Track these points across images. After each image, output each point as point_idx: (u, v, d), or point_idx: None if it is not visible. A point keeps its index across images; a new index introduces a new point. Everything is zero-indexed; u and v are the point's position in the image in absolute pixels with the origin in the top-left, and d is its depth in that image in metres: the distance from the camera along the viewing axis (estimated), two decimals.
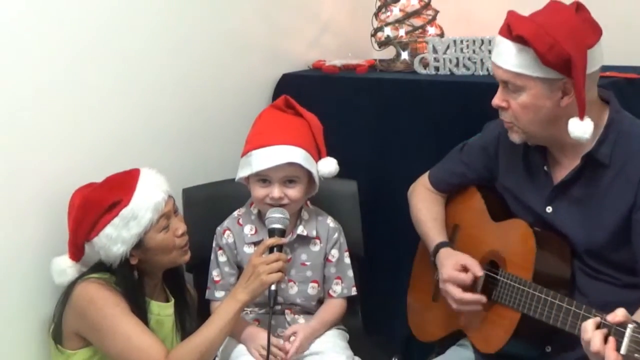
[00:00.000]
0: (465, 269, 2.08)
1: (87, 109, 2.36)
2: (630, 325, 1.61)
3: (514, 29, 1.90)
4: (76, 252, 2.19)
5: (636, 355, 1.58)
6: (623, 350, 1.60)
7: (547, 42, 1.85)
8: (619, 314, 1.64)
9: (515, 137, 2.02)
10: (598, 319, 1.68)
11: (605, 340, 1.63)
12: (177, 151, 2.62)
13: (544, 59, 1.86)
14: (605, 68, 2.48)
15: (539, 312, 1.90)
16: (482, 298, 2.06)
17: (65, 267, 2.19)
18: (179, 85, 2.64)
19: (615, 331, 1.63)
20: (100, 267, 2.19)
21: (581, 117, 1.88)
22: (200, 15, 2.69)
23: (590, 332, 1.66)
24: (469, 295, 2.07)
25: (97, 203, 2.14)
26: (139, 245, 2.14)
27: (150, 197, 2.15)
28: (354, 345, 2.37)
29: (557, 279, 1.98)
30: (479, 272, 2.07)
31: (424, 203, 2.33)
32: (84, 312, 2.12)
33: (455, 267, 2.09)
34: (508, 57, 1.93)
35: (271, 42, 2.95)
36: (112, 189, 2.17)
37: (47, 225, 2.26)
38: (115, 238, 2.11)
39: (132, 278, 2.16)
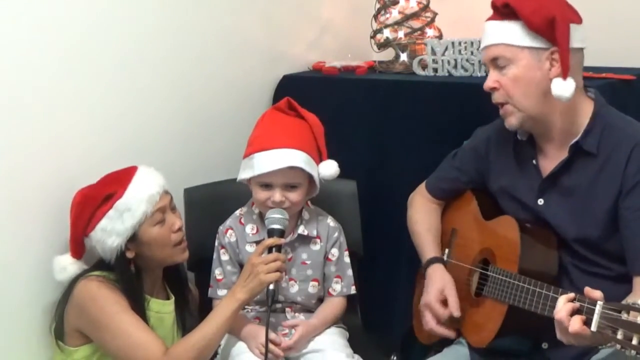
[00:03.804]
0: (445, 303, 2.16)
1: (89, 110, 2.38)
2: (600, 302, 1.65)
3: (499, 0, 1.99)
4: (77, 249, 2.22)
5: (607, 331, 1.61)
6: (593, 327, 1.65)
7: (531, 6, 1.94)
8: (595, 291, 1.69)
9: (513, 121, 2.04)
10: (572, 295, 1.73)
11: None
12: (178, 151, 2.64)
13: (530, 22, 1.94)
14: (601, 69, 2.53)
15: (522, 301, 1.94)
16: (451, 334, 2.17)
17: (66, 265, 2.22)
18: (180, 86, 2.66)
19: (587, 309, 1.68)
20: (101, 265, 2.21)
21: (564, 77, 1.94)
22: (201, 17, 2.71)
23: (561, 305, 1.72)
24: (440, 330, 2.17)
25: (93, 197, 2.18)
26: (134, 238, 2.16)
27: (144, 190, 2.18)
28: (354, 343, 2.39)
29: (543, 269, 2.01)
30: (456, 312, 2.14)
31: (420, 214, 2.38)
32: (85, 309, 2.14)
33: (437, 297, 2.17)
34: (496, 33, 2.01)
35: (271, 44, 2.97)
36: (108, 183, 2.22)
37: (49, 224, 2.27)
38: (110, 230, 2.14)
39: (129, 272, 2.18)
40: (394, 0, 2.90)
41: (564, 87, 1.94)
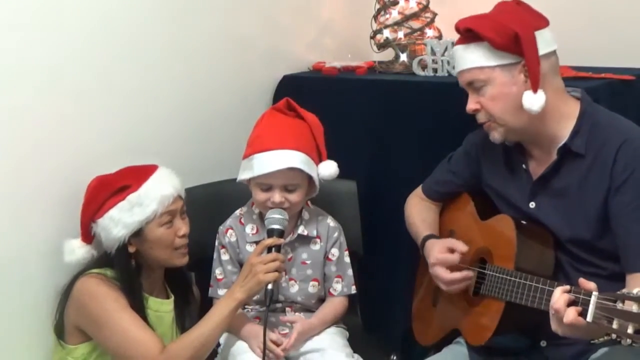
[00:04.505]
0: (451, 250, 2.14)
1: (91, 110, 2.38)
2: (595, 293, 1.65)
3: (461, 25, 2.01)
4: (86, 233, 2.24)
5: (602, 321, 1.61)
6: (589, 318, 1.65)
7: (492, 26, 1.96)
8: (589, 282, 1.69)
9: (496, 135, 2.06)
10: (567, 286, 1.73)
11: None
12: (179, 151, 2.63)
13: (494, 42, 1.95)
14: (601, 69, 2.53)
15: (519, 297, 1.95)
16: (469, 273, 2.13)
17: (74, 247, 2.23)
18: (180, 86, 2.66)
19: (582, 300, 1.68)
20: (101, 262, 2.23)
21: (534, 90, 1.95)
22: (201, 18, 2.71)
23: (557, 296, 1.72)
24: (457, 274, 2.13)
25: (108, 184, 2.21)
26: (139, 234, 2.18)
27: (159, 189, 2.20)
28: (354, 343, 2.39)
29: (540, 265, 2.02)
30: (464, 248, 2.13)
31: (416, 209, 2.41)
32: (84, 306, 2.16)
33: (441, 250, 2.16)
34: (466, 58, 2.03)
35: (271, 44, 2.98)
36: (126, 175, 2.24)
37: (52, 222, 2.29)
38: (117, 221, 2.16)
39: (129, 267, 2.20)
40: (394, 1, 2.90)
41: (532, 101, 1.94)
